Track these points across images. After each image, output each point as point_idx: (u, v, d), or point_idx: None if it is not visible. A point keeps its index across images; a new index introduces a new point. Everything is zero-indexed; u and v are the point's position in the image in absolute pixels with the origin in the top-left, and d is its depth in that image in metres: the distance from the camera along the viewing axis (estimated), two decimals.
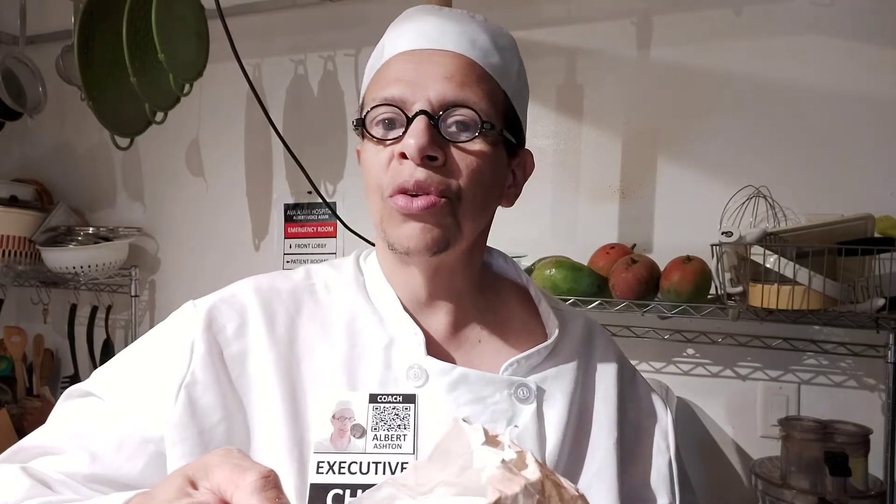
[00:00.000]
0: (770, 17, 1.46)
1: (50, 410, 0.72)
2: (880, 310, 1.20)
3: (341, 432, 0.64)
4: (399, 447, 0.64)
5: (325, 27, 1.88)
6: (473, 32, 0.70)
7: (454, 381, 0.67)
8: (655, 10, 1.56)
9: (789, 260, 1.20)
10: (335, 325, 0.70)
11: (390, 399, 0.66)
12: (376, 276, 0.74)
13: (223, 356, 0.67)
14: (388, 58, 0.69)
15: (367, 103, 0.69)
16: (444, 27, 0.69)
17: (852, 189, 1.39)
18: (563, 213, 1.65)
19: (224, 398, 0.66)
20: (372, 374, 0.67)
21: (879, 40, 1.38)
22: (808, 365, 1.44)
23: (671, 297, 1.34)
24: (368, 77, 0.72)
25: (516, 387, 0.69)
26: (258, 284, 0.73)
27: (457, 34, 0.69)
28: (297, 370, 0.67)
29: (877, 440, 1.24)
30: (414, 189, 0.64)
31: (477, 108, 0.66)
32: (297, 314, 0.71)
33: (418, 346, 0.69)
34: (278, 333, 0.69)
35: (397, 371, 0.68)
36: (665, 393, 1.44)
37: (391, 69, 0.68)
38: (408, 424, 0.65)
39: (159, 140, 2.00)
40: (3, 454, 0.68)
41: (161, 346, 0.71)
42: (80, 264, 1.93)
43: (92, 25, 1.65)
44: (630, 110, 1.59)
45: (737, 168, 1.46)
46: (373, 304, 0.72)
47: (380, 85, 0.68)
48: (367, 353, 0.69)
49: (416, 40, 0.68)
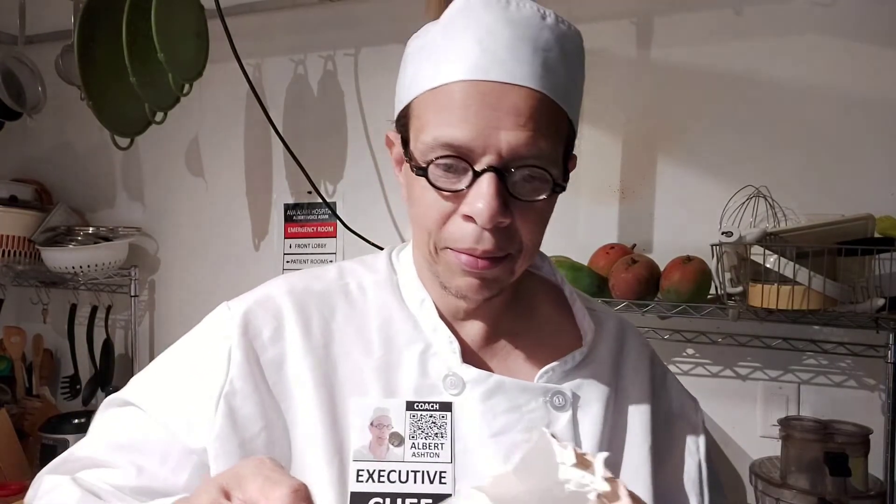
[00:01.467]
0: (770, 17, 1.46)
1: (49, 410, 0.73)
2: (880, 310, 1.20)
3: (380, 440, 0.65)
4: (437, 455, 0.65)
5: (325, 27, 1.88)
6: (547, 48, 0.61)
7: (490, 390, 0.67)
8: (655, 11, 1.56)
9: (789, 260, 1.20)
10: (370, 329, 0.69)
11: (427, 407, 0.66)
12: (411, 278, 0.72)
13: (260, 362, 0.67)
14: (452, 81, 0.59)
15: (424, 132, 0.60)
16: (518, 46, 0.59)
17: (852, 189, 1.39)
18: (563, 213, 1.64)
19: (263, 407, 0.65)
20: (408, 380, 0.67)
21: (879, 40, 1.38)
22: (808, 365, 1.44)
23: (671, 297, 1.34)
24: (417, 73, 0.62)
25: (552, 394, 0.69)
26: (292, 286, 0.72)
27: (531, 56, 0.60)
28: (333, 375, 0.67)
29: (877, 440, 1.24)
30: (480, 254, 0.62)
31: (549, 163, 0.61)
32: (331, 317, 0.70)
33: (454, 354, 0.68)
34: (314, 338, 0.68)
35: (433, 378, 0.67)
36: None
37: (456, 101, 0.58)
38: (444, 433, 0.65)
39: (159, 140, 2.00)
40: (51, 464, 0.69)
41: (198, 354, 0.70)
42: (79, 264, 1.93)
43: (92, 25, 1.65)
44: (630, 110, 1.59)
45: (737, 168, 1.46)
46: (407, 308, 0.71)
47: (443, 119, 0.59)
48: (403, 358, 0.68)
49: (487, 66, 0.58)
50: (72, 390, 2.17)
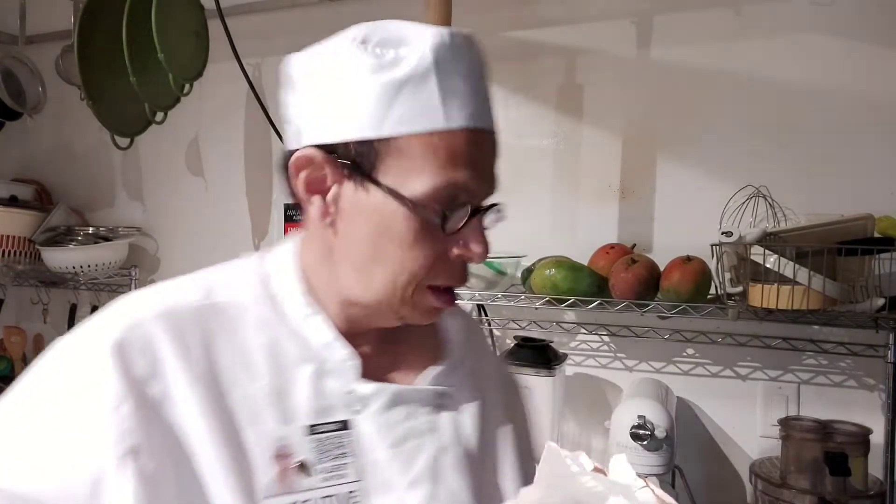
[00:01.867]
0: (770, 17, 1.46)
1: None
2: (880, 310, 1.20)
3: (286, 471, 0.61)
4: (345, 476, 0.63)
5: (325, 27, 1.87)
6: (488, 87, 0.66)
7: (389, 401, 0.66)
8: (655, 10, 1.56)
9: (789, 260, 1.19)
10: (254, 352, 0.63)
11: (329, 428, 0.63)
12: (295, 294, 0.67)
13: (150, 403, 0.58)
14: (458, 127, 0.59)
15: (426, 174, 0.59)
16: (485, 91, 0.64)
17: (852, 189, 1.39)
18: (563, 213, 1.65)
19: (171, 457, 0.57)
20: (304, 402, 0.63)
21: (879, 40, 1.38)
22: (808, 365, 1.44)
23: (671, 297, 1.34)
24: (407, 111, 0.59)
25: (439, 396, 0.70)
26: (161, 307, 0.62)
27: (489, 99, 0.65)
28: (225, 407, 0.60)
29: (877, 440, 1.24)
30: (458, 286, 0.65)
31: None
32: (211, 341, 0.62)
33: (353, 371, 0.65)
34: (197, 367, 0.60)
35: (331, 397, 0.64)
36: (665, 393, 1.44)
37: (463, 147, 0.60)
38: (349, 451, 0.63)
39: (159, 140, 2.00)
40: None
41: (72, 413, 0.57)
42: (79, 264, 1.93)
43: (92, 25, 1.65)
44: (630, 110, 1.59)
45: (737, 168, 1.46)
46: (290, 324, 0.66)
47: (451, 162, 0.59)
48: (295, 379, 0.64)
49: (477, 114, 0.61)
50: None
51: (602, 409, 1.56)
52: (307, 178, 0.62)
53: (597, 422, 1.59)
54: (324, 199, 0.62)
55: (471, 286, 1.49)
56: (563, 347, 1.61)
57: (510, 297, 1.48)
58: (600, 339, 1.62)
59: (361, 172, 0.60)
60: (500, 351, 1.66)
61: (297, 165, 0.62)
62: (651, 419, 1.27)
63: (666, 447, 1.28)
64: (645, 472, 1.29)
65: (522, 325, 1.64)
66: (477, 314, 1.70)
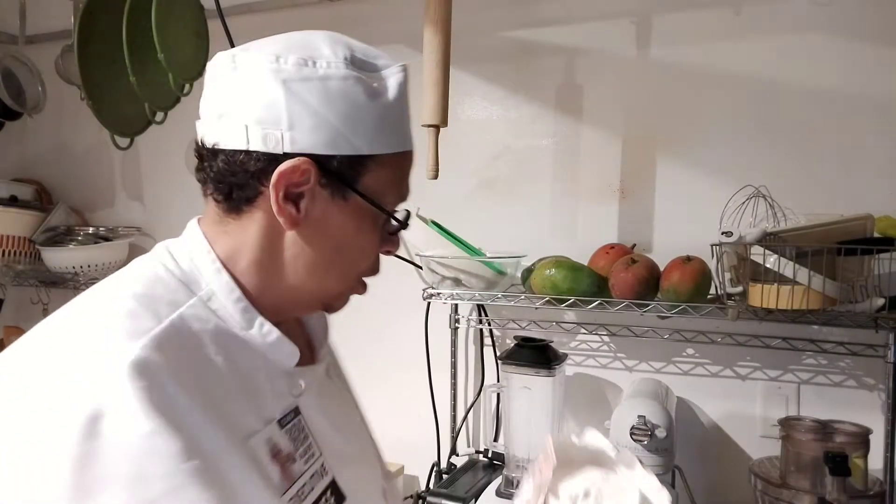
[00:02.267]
0: (770, 17, 1.46)
1: None
2: (880, 309, 1.20)
3: (283, 466, 0.64)
4: (314, 454, 0.69)
5: (325, 27, 1.87)
6: None
7: (319, 380, 0.76)
8: (655, 10, 1.56)
9: (789, 260, 1.20)
10: (220, 363, 0.62)
11: (290, 417, 0.68)
12: (231, 298, 0.65)
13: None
14: (408, 150, 0.70)
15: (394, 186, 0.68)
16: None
17: (852, 189, 1.39)
18: (563, 213, 1.65)
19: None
20: (270, 401, 0.66)
21: (879, 40, 1.38)
22: (808, 365, 1.44)
23: (671, 297, 1.34)
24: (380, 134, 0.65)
25: (328, 367, 0.81)
26: (132, 356, 0.55)
27: None
28: (229, 424, 0.60)
29: (877, 440, 1.24)
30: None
31: None
32: (188, 363, 0.60)
33: (291, 359, 0.69)
34: (196, 394, 0.58)
35: (282, 389, 0.68)
36: (665, 393, 1.44)
37: (408, 166, 0.70)
38: (307, 433, 0.70)
39: (159, 140, 2.00)
40: None
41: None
42: (79, 264, 1.93)
43: (92, 25, 1.65)
44: (630, 110, 1.59)
45: (737, 168, 1.46)
46: (235, 329, 0.65)
47: (403, 178, 0.70)
48: (258, 381, 0.65)
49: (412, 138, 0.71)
50: None
51: (602, 409, 1.56)
52: (289, 185, 0.63)
53: (597, 422, 1.59)
54: (297, 207, 0.64)
55: (471, 286, 1.49)
56: (563, 347, 1.61)
57: (510, 297, 1.48)
58: (600, 339, 1.62)
59: (346, 183, 0.64)
60: (499, 351, 1.67)
61: (288, 171, 0.62)
62: (651, 419, 1.27)
63: (666, 447, 1.28)
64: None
65: (522, 325, 1.64)
66: (477, 314, 1.71)
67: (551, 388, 1.45)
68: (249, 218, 0.66)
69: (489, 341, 1.70)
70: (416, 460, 1.72)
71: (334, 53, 0.64)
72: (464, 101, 1.72)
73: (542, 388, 1.44)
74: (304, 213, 0.64)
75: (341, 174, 0.64)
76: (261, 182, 0.64)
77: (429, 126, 1.30)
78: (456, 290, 1.49)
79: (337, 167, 0.64)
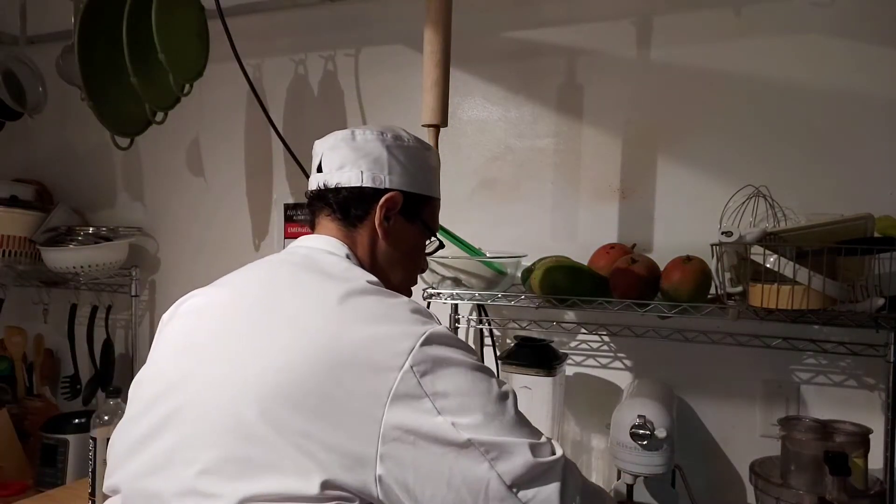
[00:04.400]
0: (770, 17, 1.46)
1: (50, 410, 0.71)
2: (880, 309, 1.20)
3: None
4: None
5: (326, 27, 1.88)
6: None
7: None
8: (655, 10, 1.56)
9: (789, 260, 1.19)
10: None
11: None
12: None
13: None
14: (440, 197, 1.08)
15: (436, 216, 1.07)
16: None
17: (852, 189, 1.39)
18: (563, 213, 1.65)
19: None
20: None
21: (879, 40, 1.38)
22: (808, 364, 1.44)
23: (671, 296, 1.34)
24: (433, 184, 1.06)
25: None
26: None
27: None
28: None
29: (877, 440, 1.24)
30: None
31: None
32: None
33: None
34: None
35: None
36: (665, 393, 1.44)
37: (438, 210, 1.09)
38: None
39: (159, 140, 2.00)
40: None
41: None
42: (80, 264, 1.93)
43: (92, 25, 1.65)
44: (630, 110, 1.59)
45: (737, 168, 1.46)
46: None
47: (437, 218, 1.09)
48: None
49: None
50: (72, 390, 2.17)
51: (602, 409, 1.56)
52: (387, 208, 0.97)
53: (597, 422, 1.59)
54: (388, 221, 0.98)
55: (471, 286, 1.49)
56: (563, 347, 1.61)
57: (510, 297, 1.48)
58: (600, 339, 1.62)
59: (414, 212, 1.01)
60: (499, 351, 1.67)
61: (390, 199, 0.97)
62: (651, 419, 1.27)
63: (666, 447, 1.28)
64: (645, 472, 1.29)
65: (522, 325, 1.64)
66: (477, 314, 1.71)
67: (551, 388, 1.45)
68: (364, 231, 0.99)
69: (489, 341, 1.70)
70: None
71: (418, 141, 1.03)
72: (464, 101, 1.72)
73: (542, 388, 1.44)
74: (390, 226, 0.98)
75: (414, 205, 1.00)
76: (370, 205, 0.97)
77: (429, 126, 1.30)
78: (456, 290, 1.49)
79: (412, 201, 0.99)
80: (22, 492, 1.75)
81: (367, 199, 0.97)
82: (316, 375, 0.73)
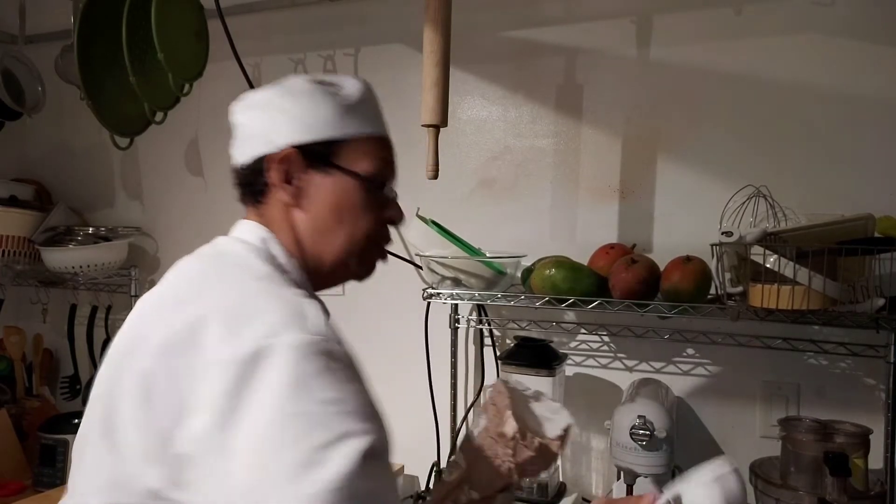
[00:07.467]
0: (770, 17, 1.46)
1: (49, 410, 0.72)
2: (880, 310, 1.20)
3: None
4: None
5: (325, 26, 1.88)
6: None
7: None
8: (655, 10, 1.56)
9: (789, 260, 1.19)
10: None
11: None
12: (302, 287, 0.82)
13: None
14: (378, 134, 0.88)
15: (379, 164, 0.86)
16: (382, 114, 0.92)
17: (852, 189, 1.39)
18: (563, 213, 1.65)
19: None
20: None
21: (879, 40, 1.38)
22: (808, 365, 1.44)
23: (671, 297, 1.34)
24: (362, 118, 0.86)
25: None
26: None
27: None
28: None
29: (877, 440, 1.24)
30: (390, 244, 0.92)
31: None
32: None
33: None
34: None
35: None
36: (665, 393, 1.44)
37: (385, 148, 0.89)
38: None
39: (159, 140, 2.00)
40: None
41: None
42: (79, 264, 1.93)
43: (92, 25, 1.65)
44: (630, 110, 1.59)
45: (737, 168, 1.46)
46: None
47: (384, 158, 0.88)
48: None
49: (385, 127, 0.91)
50: (71, 390, 2.17)
51: (602, 409, 1.56)
52: (284, 171, 0.83)
53: (597, 422, 1.59)
54: (292, 183, 0.84)
55: (471, 286, 1.49)
56: (563, 347, 1.61)
57: (510, 297, 1.48)
58: (600, 340, 1.62)
59: (325, 161, 0.84)
60: (499, 351, 1.67)
61: (279, 160, 0.83)
62: (651, 419, 1.27)
63: (666, 447, 1.28)
64: (645, 472, 1.29)
65: (522, 325, 1.64)
66: (477, 314, 1.70)
67: (551, 388, 1.45)
68: (272, 207, 0.89)
69: (489, 341, 1.70)
70: (416, 460, 1.72)
71: (295, 80, 0.87)
72: (464, 101, 1.72)
73: (542, 388, 1.43)
74: (300, 190, 0.84)
75: (321, 154, 0.84)
76: (266, 173, 0.85)
77: (428, 126, 1.29)
78: (456, 290, 1.49)
79: (317, 149, 0.83)
80: (20, 492, 1.75)
81: (261, 166, 0.85)
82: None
